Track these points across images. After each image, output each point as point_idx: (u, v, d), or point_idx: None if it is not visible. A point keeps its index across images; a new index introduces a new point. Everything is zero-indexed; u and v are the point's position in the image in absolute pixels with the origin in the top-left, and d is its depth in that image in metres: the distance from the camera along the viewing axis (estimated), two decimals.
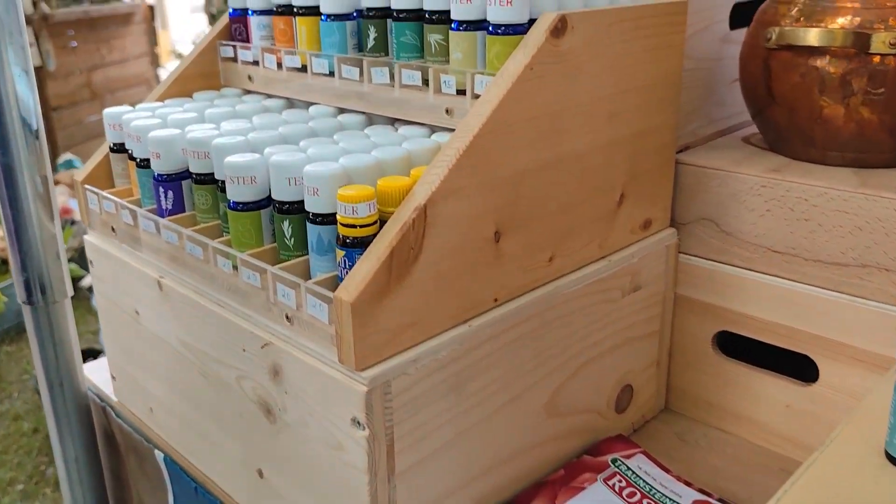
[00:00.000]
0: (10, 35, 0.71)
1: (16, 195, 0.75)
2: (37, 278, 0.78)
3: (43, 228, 0.77)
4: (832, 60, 0.65)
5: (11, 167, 0.74)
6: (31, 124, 0.74)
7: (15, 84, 0.72)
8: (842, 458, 0.47)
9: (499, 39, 0.59)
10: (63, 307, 0.81)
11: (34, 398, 2.44)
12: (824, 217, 0.66)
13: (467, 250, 0.56)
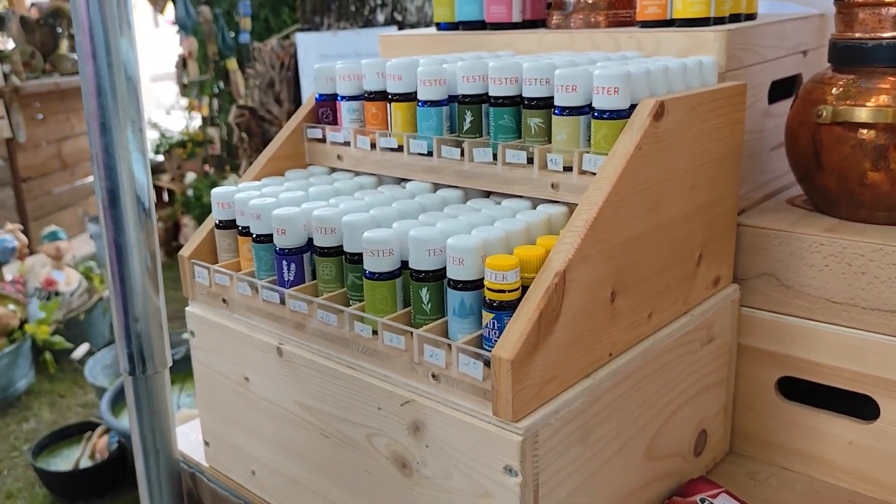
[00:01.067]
0: (133, 122, 0.76)
1: (127, 272, 0.79)
2: (140, 350, 0.82)
3: (149, 302, 0.81)
4: (879, 134, 0.75)
5: (123, 245, 0.79)
6: (144, 203, 0.79)
7: (132, 166, 0.77)
8: None
9: (605, 123, 0.67)
10: (162, 377, 0.84)
11: (27, 474, 2.38)
12: (880, 270, 0.75)
13: (592, 310, 0.63)
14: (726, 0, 0.85)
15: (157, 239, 0.82)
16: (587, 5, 0.93)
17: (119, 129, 0.75)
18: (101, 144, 0.75)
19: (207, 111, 4.65)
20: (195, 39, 4.36)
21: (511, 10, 0.99)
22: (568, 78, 0.68)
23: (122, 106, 0.75)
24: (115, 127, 0.75)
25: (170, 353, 0.85)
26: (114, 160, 0.76)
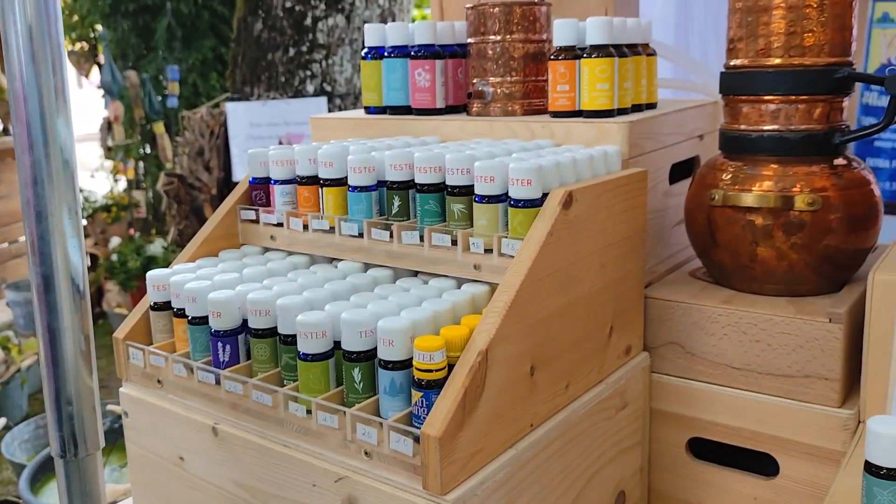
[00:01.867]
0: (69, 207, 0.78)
1: (60, 355, 0.80)
2: (73, 433, 0.82)
3: (82, 384, 0.82)
4: (765, 216, 0.84)
5: (57, 329, 0.80)
6: (79, 286, 0.80)
7: (68, 252, 0.79)
8: None
9: (521, 211, 0.73)
10: (94, 459, 0.84)
11: None
12: (772, 338, 0.83)
13: (513, 384, 0.68)
14: (628, 93, 0.95)
15: (91, 321, 0.83)
16: (505, 95, 1.01)
17: (55, 216, 0.77)
18: (37, 232, 0.77)
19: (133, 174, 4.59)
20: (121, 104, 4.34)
21: (435, 98, 1.06)
22: (486, 169, 0.75)
23: (58, 192, 0.77)
24: (51, 214, 0.77)
25: (102, 435, 0.85)
26: (49, 247, 0.77)
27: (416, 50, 1.06)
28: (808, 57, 0.82)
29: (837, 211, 0.82)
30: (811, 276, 0.85)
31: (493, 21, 1.00)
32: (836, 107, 0.84)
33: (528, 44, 1.00)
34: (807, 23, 0.81)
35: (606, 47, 0.91)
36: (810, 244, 0.83)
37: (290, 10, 2.60)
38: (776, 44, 0.83)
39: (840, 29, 0.82)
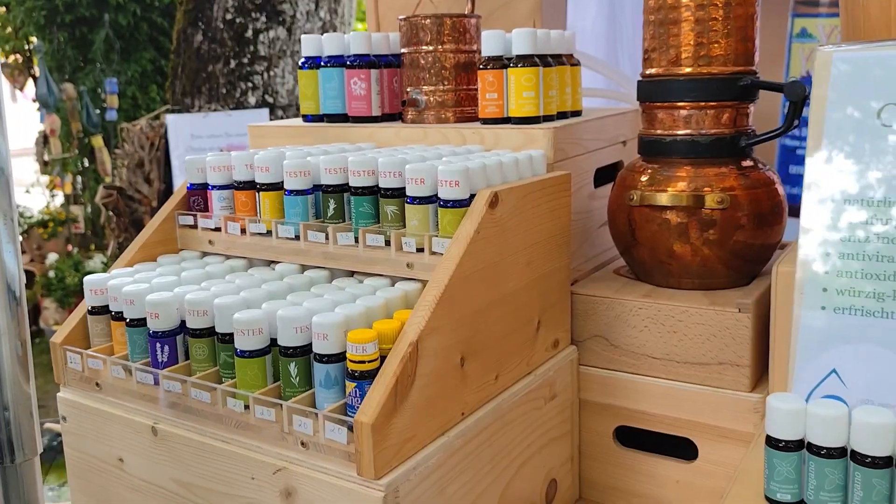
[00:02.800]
0: (4, 213, 0.79)
1: None
2: (10, 438, 0.82)
3: (20, 390, 0.82)
4: (679, 214, 0.89)
5: None
6: (15, 291, 0.81)
7: (3, 257, 0.80)
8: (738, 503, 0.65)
9: (450, 211, 0.77)
10: (32, 465, 0.85)
11: None
12: (688, 329, 0.88)
13: (444, 374, 0.71)
14: (553, 101, 1.00)
15: (27, 327, 0.83)
16: (438, 103, 1.05)
17: None
18: None
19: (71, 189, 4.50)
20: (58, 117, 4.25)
21: (371, 106, 1.10)
22: (417, 172, 0.78)
23: None
24: None
25: (40, 440, 0.85)
26: None
27: (351, 60, 1.09)
28: (714, 66, 0.88)
29: (745, 209, 0.89)
30: (723, 270, 0.91)
31: (424, 32, 1.04)
32: (743, 112, 0.91)
33: (459, 54, 1.05)
34: (713, 35, 0.87)
35: (531, 57, 0.96)
36: (721, 240, 0.89)
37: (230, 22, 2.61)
38: (686, 54, 0.89)
39: (743, 40, 0.88)
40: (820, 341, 0.71)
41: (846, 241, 0.71)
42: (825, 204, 0.72)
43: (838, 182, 0.72)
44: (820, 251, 0.71)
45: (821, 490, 0.63)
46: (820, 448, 0.63)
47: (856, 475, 0.62)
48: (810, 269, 0.72)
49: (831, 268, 0.71)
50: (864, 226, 0.70)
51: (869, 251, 0.69)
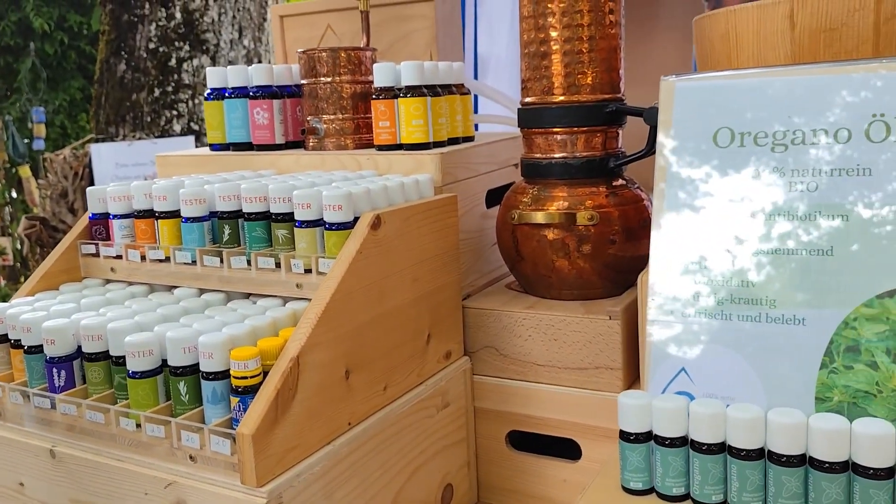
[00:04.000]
0: None
1: None
2: None
3: None
4: (556, 231, 0.97)
5: None
6: None
7: None
8: (598, 493, 0.72)
9: (334, 233, 0.82)
10: None
11: None
12: (567, 336, 0.95)
13: (329, 387, 0.76)
14: (444, 128, 1.06)
15: None
16: (336, 131, 1.11)
17: None
18: None
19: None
20: None
21: (274, 134, 1.15)
22: (303, 197, 0.84)
23: None
24: None
25: None
26: None
27: (254, 91, 1.14)
28: (583, 94, 0.96)
29: (615, 224, 0.96)
30: (598, 282, 0.98)
31: (321, 64, 1.10)
32: (611, 136, 0.99)
33: (355, 84, 1.11)
34: (580, 66, 0.95)
35: (420, 88, 1.02)
36: (595, 254, 0.96)
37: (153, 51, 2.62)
38: (557, 83, 0.97)
39: (608, 70, 0.96)
40: (670, 343, 0.78)
41: (688, 252, 0.79)
42: (671, 218, 0.80)
43: (682, 197, 0.80)
44: (666, 261, 0.79)
45: (666, 477, 0.70)
46: (664, 439, 0.70)
47: (694, 461, 0.69)
48: (659, 277, 0.79)
49: (677, 277, 0.79)
50: (703, 237, 0.78)
51: (708, 261, 0.77)
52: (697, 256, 0.78)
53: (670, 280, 0.79)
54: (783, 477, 0.65)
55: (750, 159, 0.77)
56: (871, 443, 0.62)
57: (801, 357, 0.72)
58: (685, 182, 0.80)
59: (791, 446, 0.65)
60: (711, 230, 0.78)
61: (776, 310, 0.73)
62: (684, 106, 0.82)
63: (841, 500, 0.63)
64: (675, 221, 0.80)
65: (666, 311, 0.79)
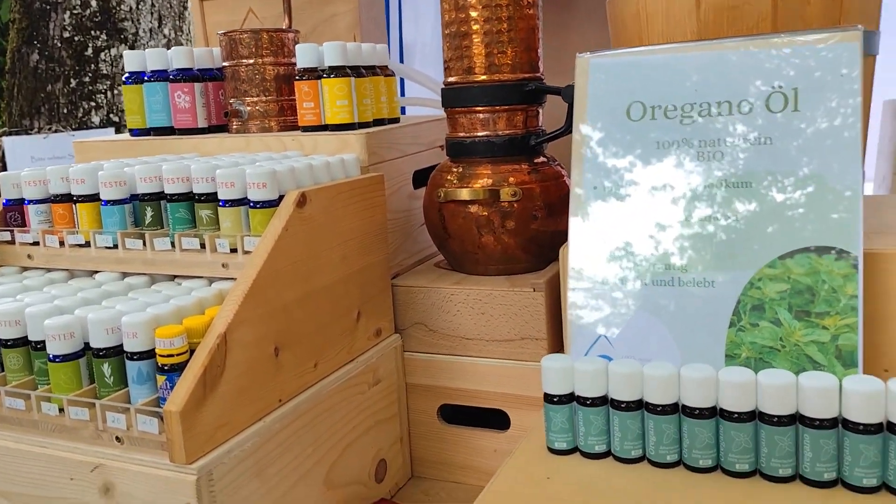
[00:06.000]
0: None
1: None
2: None
3: None
4: (480, 208, 0.99)
5: None
6: None
7: None
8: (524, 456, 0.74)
9: (259, 212, 0.82)
10: None
11: None
12: (493, 310, 0.97)
13: (257, 364, 0.76)
14: (369, 109, 1.07)
15: None
16: (261, 113, 1.10)
17: None
18: None
19: None
20: None
21: (196, 118, 1.13)
22: (227, 176, 0.83)
23: None
24: None
25: None
26: None
27: (174, 74, 1.13)
28: (503, 73, 0.99)
29: (538, 200, 0.99)
30: (522, 256, 1.01)
31: (243, 46, 1.09)
32: (532, 114, 1.02)
33: (278, 66, 1.10)
34: (499, 45, 0.98)
35: (343, 68, 1.03)
36: (519, 229, 0.99)
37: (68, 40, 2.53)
38: (478, 63, 0.98)
39: (527, 50, 0.99)
40: (590, 310, 0.81)
41: (603, 223, 0.82)
42: (587, 191, 0.83)
43: (597, 172, 0.83)
44: (584, 233, 0.82)
45: (589, 435, 0.73)
46: (585, 399, 0.73)
47: (614, 419, 0.72)
48: (577, 249, 0.82)
49: (594, 247, 0.82)
50: (618, 210, 0.81)
51: (620, 230, 0.81)
52: (611, 229, 0.81)
53: (587, 252, 0.82)
54: (696, 429, 0.69)
55: (660, 132, 0.81)
56: (775, 392, 0.66)
57: (712, 318, 0.76)
58: (599, 155, 0.83)
59: (702, 400, 0.68)
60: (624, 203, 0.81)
61: (688, 274, 0.77)
62: (598, 82, 0.85)
63: (749, 448, 0.67)
64: (590, 195, 0.83)
65: (585, 281, 0.82)
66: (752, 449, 0.67)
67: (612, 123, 0.83)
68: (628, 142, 0.82)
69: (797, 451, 0.66)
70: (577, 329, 0.82)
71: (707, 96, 0.79)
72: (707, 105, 0.79)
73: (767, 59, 0.77)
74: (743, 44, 0.79)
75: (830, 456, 0.65)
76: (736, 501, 0.65)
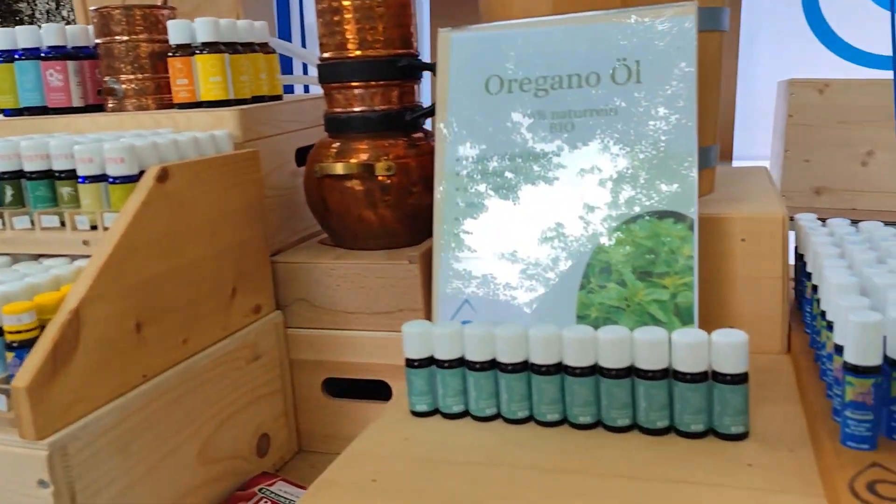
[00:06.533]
0: None
1: None
2: None
3: None
4: (357, 182, 1.00)
5: None
6: None
7: None
8: (388, 419, 0.76)
9: (119, 187, 0.82)
10: None
11: None
12: (371, 283, 0.99)
13: (115, 340, 0.76)
14: (246, 86, 1.07)
15: None
16: (136, 91, 1.09)
17: None
18: None
19: None
20: None
21: (70, 97, 1.11)
22: (85, 152, 0.82)
23: None
24: None
25: None
26: None
27: (46, 52, 1.10)
28: (377, 49, 1.00)
29: (414, 174, 1.01)
30: (401, 230, 1.03)
31: (115, 23, 1.07)
32: (407, 90, 1.03)
33: (153, 43, 1.09)
34: (372, 21, 0.98)
35: (216, 44, 1.02)
36: (396, 204, 1.01)
37: None
38: (351, 39, 0.99)
39: (399, 26, 1.00)
40: (455, 278, 0.84)
41: (465, 194, 0.84)
42: (451, 165, 0.85)
43: (459, 145, 0.85)
44: (450, 205, 0.84)
45: (446, 397, 0.76)
46: (443, 362, 0.76)
47: (469, 379, 0.75)
48: (443, 220, 0.84)
49: (459, 217, 0.84)
50: (481, 180, 0.84)
51: (484, 202, 0.83)
52: (473, 199, 0.83)
53: (453, 221, 0.84)
54: (543, 385, 0.72)
55: (516, 104, 0.83)
56: (611, 347, 0.69)
57: (565, 281, 0.79)
58: (460, 128, 0.85)
59: (547, 357, 0.71)
60: (485, 174, 0.84)
61: (542, 241, 0.80)
62: (459, 57, 0.87)
63: (591, 401, 0.71)
64: (453, 168, 0.85)
65: (451, 251, 0.84)
66: (595, 402, 0.71)
67: (472, 97, 0.85)
68: (487, 115, 0.84)
69: (634, 402, 0.70)
70: (442, 297, 0.84)
71: (558, 70, 0.82)
72: (559, 78, 0.82)
73: (612, 33, 0.81)
74: (591, 18, 0.82)
75: (662, 405, 0.69)
76: (577, 451, 0.69)
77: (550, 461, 0.67)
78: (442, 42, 0.87)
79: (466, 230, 0.83)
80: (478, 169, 0.84)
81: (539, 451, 0.69)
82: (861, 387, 0.57)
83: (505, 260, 0.81)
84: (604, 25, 0.81)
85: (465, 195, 0.84)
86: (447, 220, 0.84)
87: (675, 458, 0.66)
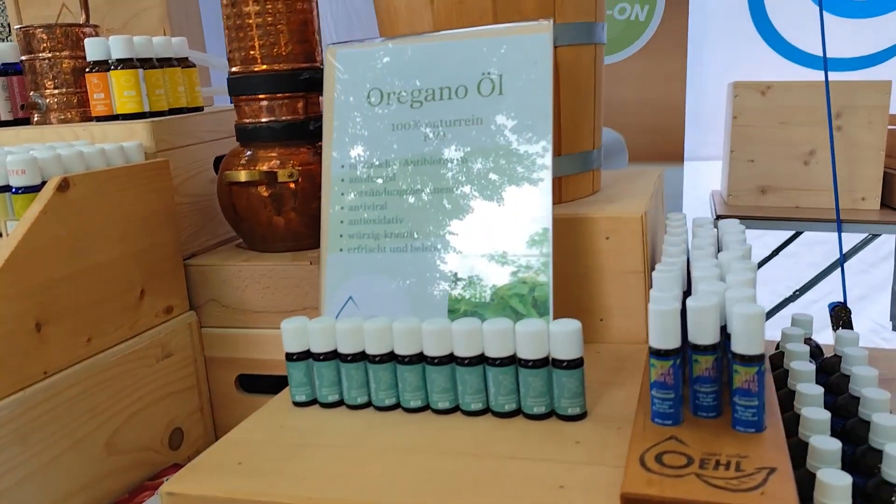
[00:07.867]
0: None
1: None
2: None
3: None
4: (262, 189, 1.06)
5: None
6: None
7: None
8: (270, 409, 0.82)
9: (21, 197, 0.87)
10: None
11: None
12: (276, 283, 1.05)
13: (13, 339, 0.82)
14: (163, 99, 1.13)
15: None
16: (60, 105, 1.14)
17: None
18: None
19: None
20: None
21: None
22: None
23: None
24: None
25: None
26: None
27: None
28: (281, 63, 1.06)
29: (318, 180, 1.07)
30: (306, 233, 1.09)
31: (38, 41, 1.13)
32: (312, 101, 1.09)
33: (75, 60, 1.15)
34: (275, 37, 1.05)
35: (130, 60, 1.08)
36: (301, 208, 1.07)
37: None
38: (256, 54, 1.05)
39: (302, 41, 1.06)
40: (340, 275, 0.90)
41: (350, 197, 0.90)
42: (336, 170, 0.91)
43: (345, 152, 0.91)
44: (337, 207, 0.90)
45: (322, 387, 0.82)
46: (318, 354, 0.81)
47: (342, 370, 0.81)
48: (329, 220, 0.90)
49: (343, 219, 0.90)
50: (364, 184, 0.90)
51: (367, 203, 0.89)
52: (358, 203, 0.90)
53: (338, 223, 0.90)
54: (406, 374, 0.78)
55: (393, 115, 0.90)
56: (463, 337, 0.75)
57: (438, 278, 0.85)
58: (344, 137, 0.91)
59: (408, 348, 0.77)
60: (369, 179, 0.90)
61: (417, 240, 0.86)
62: (343, 71, 0.93)
63: (448, 388, 0.77)
64: (339, 174, 0.91)
65: (336, 250, 0.90)
66: (451, 388, 0.77)
67: (355, 109, 0.91)
68: (368, 125, 0.90)
69: (486, 388, 0.76)
70: (329, 295, 0.90)
71: (431, 83, 0.89)
72: (432, 91, 0.88)
73: (479, 49, 0.87)
74: (462, 35, 0.89)
75: (510, 390, 0.75)
76: (433, 434, 0.74)
77: (407, 442, 0.73)
78: (328, 57, 0.93)
79: (349, 233, 0.89)
80: (354, 175, 0.90)
81: (399, 435, 0.75)
82: (662, 368, 0.63)
83: (385, 259, 0.87)
84: (473, 41, 0.88)
85: (344, 199, 0.90)
86: (332, 223, 0.90)
87: (516, 438, 0.72)
